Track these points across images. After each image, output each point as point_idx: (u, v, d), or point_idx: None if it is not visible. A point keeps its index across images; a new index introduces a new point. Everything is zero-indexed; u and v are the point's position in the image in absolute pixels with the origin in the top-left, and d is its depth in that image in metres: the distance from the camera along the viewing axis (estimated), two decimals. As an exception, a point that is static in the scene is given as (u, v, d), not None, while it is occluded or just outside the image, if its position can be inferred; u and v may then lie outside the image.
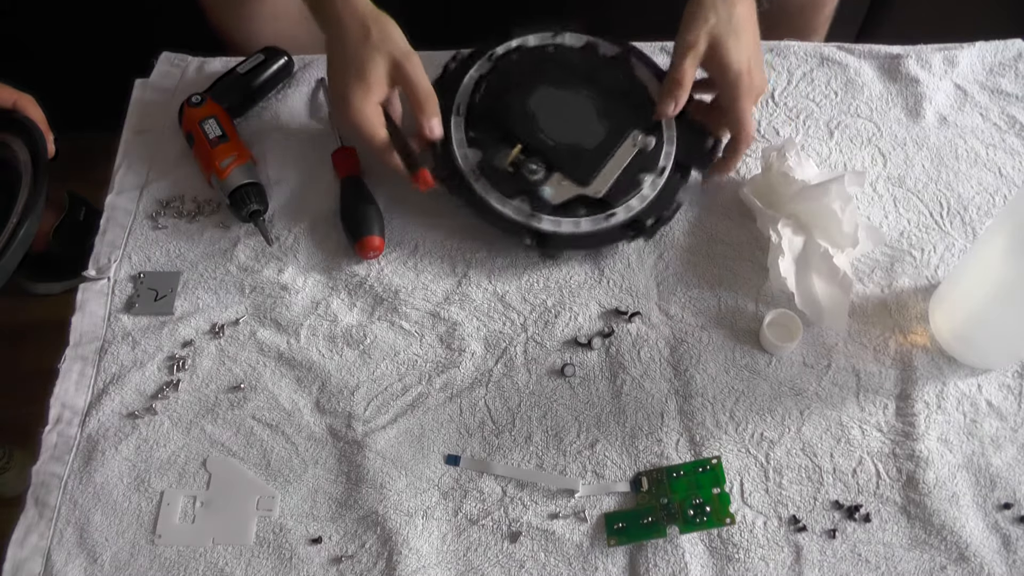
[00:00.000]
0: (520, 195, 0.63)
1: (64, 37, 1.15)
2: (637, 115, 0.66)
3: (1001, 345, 0.61)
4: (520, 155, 0.64)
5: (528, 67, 0.67)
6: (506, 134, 0.64)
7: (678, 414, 0.60)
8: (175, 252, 0.67)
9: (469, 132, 0.65)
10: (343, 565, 0.55)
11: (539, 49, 0.69)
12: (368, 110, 0.62)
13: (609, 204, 0.64)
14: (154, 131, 0.73)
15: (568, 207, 0.64)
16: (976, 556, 0.54)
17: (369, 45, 0.62)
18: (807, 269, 0.63)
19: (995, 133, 0.73)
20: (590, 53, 0.69)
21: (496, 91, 0.63)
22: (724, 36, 0.63)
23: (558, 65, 0.68)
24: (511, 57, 0.67)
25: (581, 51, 0.69)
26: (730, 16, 0.63)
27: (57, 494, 0.57)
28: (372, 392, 0.61)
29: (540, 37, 0.69)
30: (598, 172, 0.64)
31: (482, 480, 0.58)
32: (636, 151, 0.65)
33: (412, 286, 0.65)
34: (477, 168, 0.64)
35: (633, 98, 0.67)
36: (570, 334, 0.63)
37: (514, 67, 0.67)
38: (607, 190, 0.64)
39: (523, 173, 0.64)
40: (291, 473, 0.58)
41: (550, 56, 0.68)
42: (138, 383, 0.61)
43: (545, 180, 0.64)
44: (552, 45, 0.69)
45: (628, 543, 0.55)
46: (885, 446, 0.59)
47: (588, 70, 0.68)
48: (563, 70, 0.68)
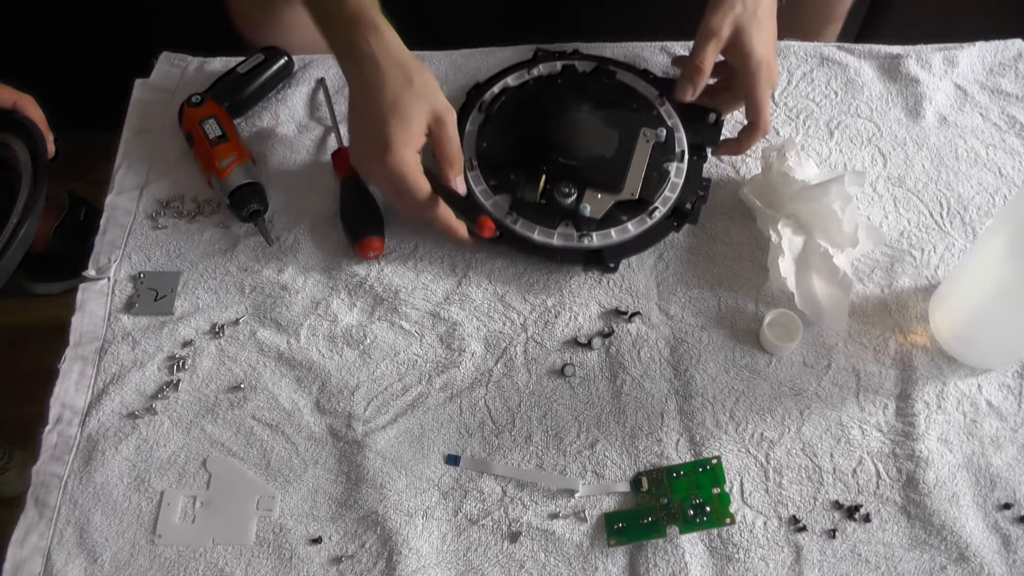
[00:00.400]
0: (562, 222, 0.64)
1: (64, 37, 1.15)
2: (638, 115, 0.68)
3: (1001, 345, 0.61)
4: (547, 184, 0.65)
5: (519, 104, 0.69)
6: (526, 170, 0.65)
7: (678, 414, 0.60)
8: (175, 252, 0.67)
9: (490, 181, 0.65)
10: (343, 565, 0.55)
11: (522, 86, 0.70)
12: (411, 157, 0.59)
13: (647, 202, 0.65)
14: (154, 131, 0.73)
15: (610, 217, 0.64)
16: (976, 556, 0.54)
17: (413, 92, 0.59)
18: (807, 269, 0.63)
19: (995, 133, 0.73)
20: (570, 75, 0.71)
21: (499, 135, 0.63)
22: (748, 25, 0.64)
23: (547, 93, 0.70)
24: (499, 101, 0.69)
25: (562, 75, 0.71)
26: (756, 6, 0.64)
27: (57, 494, 0.57)
28: (372, 392, 0.61)
29: (518, 76, 0.71)
30: (626, 175, 0.65)
31: (482, 480, 0.58)
32: (651, 145, 0.66)
33: (412, 286, 0.65)
34: (511, 211, 0.64)
35: (628, 101, 0.69)
36: (570, 334, 0.63)
37: (506, 109, 0.68)
38: (640, 188, 0.65)
39: (557, 200, 0.64)
40: (291, 473, 0.58)
41: (535, 88, 0.70)
42: (138, 383, 0.61)
43: (580, 199, 0.64)
44: (532, 79, 0.71)
45: (628, 543, 0.55)
46: (885, 446, 0.59)
47: (576, 90, 0.70)
48: (553, 96, 0.69)
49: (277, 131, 0.73)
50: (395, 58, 0.60)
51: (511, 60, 0.75)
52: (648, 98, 0.69)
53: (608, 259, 0.64)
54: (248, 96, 0.73)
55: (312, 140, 0.73)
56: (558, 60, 0.71)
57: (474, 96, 0.70)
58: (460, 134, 0.65)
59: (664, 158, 0.66)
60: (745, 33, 0.64)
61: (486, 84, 0.70)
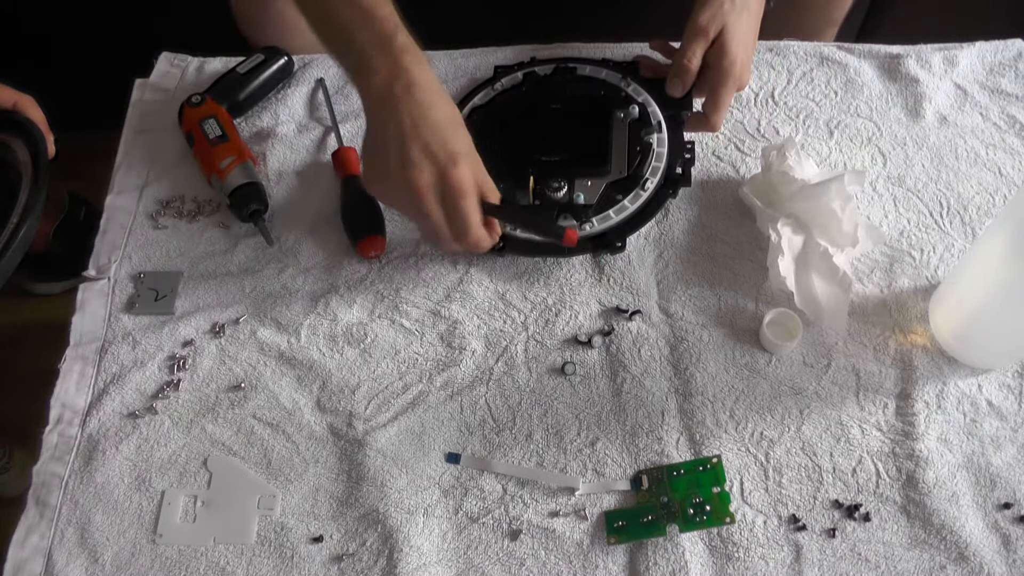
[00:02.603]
0: (560, 216, 0.65)
1: (64, 37, 1.15)
2: (606, 99, 0.70)
3: (1001, 345, 0.61)
4: (536, 185, 0.66)
5: (490, 119, 0.71)
6: (513, 177, 0.65)
7: (678, 413, 0.60)
8: (175, 252, 0.67)
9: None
10: (344, 563, 0.55)
11: (490, 102, 0.72)
12: (473, 174, 0.58)
13: (637, 176, 0.66)
14: (154, 131, 0.73)
15: (606, 200, 0.65)
16: (976, 556, 0.54)
17: (467, 138, 0.59)
18: (807, 268, 0.63)
19: (995, 133, 0.73)
20: (531, 81, 0.73)
21: (480, 151, 0.63)
22: (733, 24, 0.65)
23: (515, 103, 0.72)
24: (472, 120, 0.70)
25: (523, 84, 0.73)
26: (744, 6, 0.65)
27: (58, 494, 0.57)
28: (373, 391, 0.61)
29: (484, 95, 0.73)
30: (610, 156, 0.67)
31: (483, 478, 0.58)
32: (628, 123, 0.68)
33: (413, 284, 0.65)
34: None
35: (593, 89, 0.71)
36: (570, 332, 0.63)
37: (480, 126, 0.68)
38: (627, 166, 0.66)
39: (549, 196, 0.65)
40: (292, 472, 0.58)
41: (502, 101, 0.72)
42: (138, 383, 0.61)
43: (572, 190, 0.65)
44: (496, 93, 0.73)
45: (628, 541, 0.55)
46: (885, 445, 0.59)
47: (541, 92, 0.72)
48: (522, 103, 0.72)
49: (277, 131, 0.73)
50: (442, 93, 0.59)
51: (510, 59, 0.75)
52: (612, 83, 0.71)
53: (615, 239, 0.64)
54: (248, 96, 0.74)
55: (312, 140, 0.73)
56: (517, 70, 0.73)
57: None
58: None
59: (644, 132, 0.68)
60: (728, 32, 0.65)
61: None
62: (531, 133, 0.69)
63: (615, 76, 0.71)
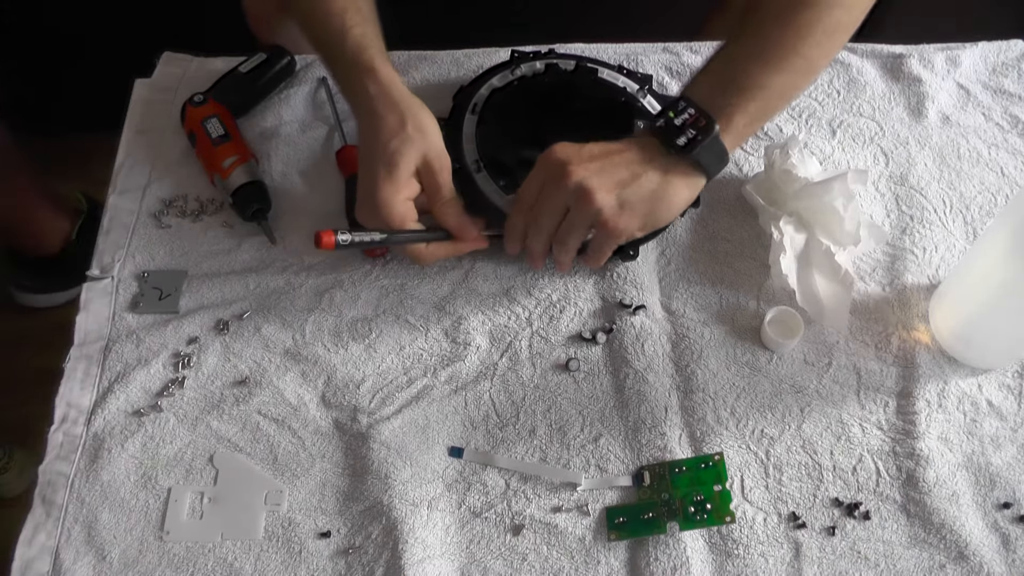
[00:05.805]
0: None
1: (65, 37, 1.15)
2: (627, 106, 0.69)
3: (1001, 345, 0.61)
4: None
5: (512, 104, 0.69)
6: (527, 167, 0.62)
7: (679, 409, 0.60)
8: (179, 251, 0.67)
9: (499, 181, 0.65)
10: (351, 556, 0.55)
11: (507, 86, 0.70)
12: (398, 209, 0.58)
13: None
14: (156, 131, 0.73)
15: None
16: (975, 555, 0.55)
17: (402, 137, 0.58)
18: (809, 267, 0.63)
19: (997, 133, 0.73)
20: (554, 73, 0.71)
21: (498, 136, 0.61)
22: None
23: (539, 92, 0.70)
24: (490, 102, 0.68)
25: (546, 74, 0.71)
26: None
27: (64, 493, 0.57)
28: (377, 385, 0.61)
29: (502, 77, 0.70)
30: None
31: (486, 473, 0.58)
32: None
33: (417, 280, 0.65)
34: None
35: (615, 94, 0.70)
36: (574, 328, 0.64)
37: (499, 109, 0.67)
38: None
39: None
40: (298, 467, 0.58)
41: (523, 88, 0.70)
42: (143, 381, 0.61)
43: None
44: (516, 79, 0.70)
45: (628, 538, 0.56)
46: (885, 444, 0.59)
47: (564, 86, 0.70)
48: (546, 93, 0.70)
49: (280, 130, 0.73)
50: (390, 101, 0.59)
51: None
52: (630, 91, 0.70)
53: (628, 247, 0.64)
54: (250, 95, 0.74)
55: (315, 139, 0.73)
56: (536, 60, 0.72)
57: (461, 99, 0.70)
58: (457, 138, 0.64)
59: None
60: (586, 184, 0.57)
61: (471, 87, 0.70)
62: (554, 125, 0.67)
63: (632, 85, 0.71)
